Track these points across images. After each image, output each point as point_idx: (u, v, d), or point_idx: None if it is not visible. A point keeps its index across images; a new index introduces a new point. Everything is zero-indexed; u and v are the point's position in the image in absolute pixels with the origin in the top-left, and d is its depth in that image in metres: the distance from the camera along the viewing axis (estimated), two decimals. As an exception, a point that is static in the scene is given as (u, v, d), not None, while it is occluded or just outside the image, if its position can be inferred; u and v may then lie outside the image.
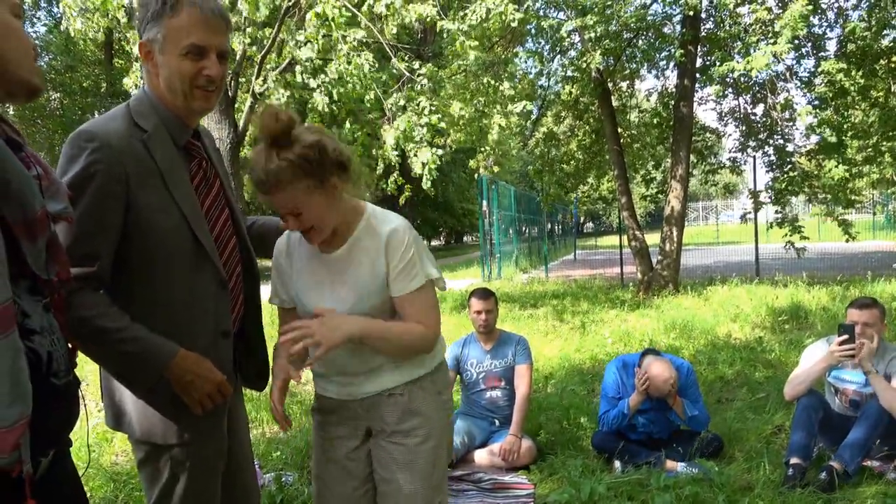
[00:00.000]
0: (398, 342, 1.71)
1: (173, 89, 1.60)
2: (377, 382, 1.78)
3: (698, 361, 5.61)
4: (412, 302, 1.71)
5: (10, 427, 0.95)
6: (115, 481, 3.35)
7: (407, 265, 1.69)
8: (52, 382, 1.10)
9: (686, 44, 9.84)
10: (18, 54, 1.12)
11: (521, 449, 3.61)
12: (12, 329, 0.97)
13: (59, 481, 1.15)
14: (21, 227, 1.05)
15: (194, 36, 1.56)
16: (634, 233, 11.01)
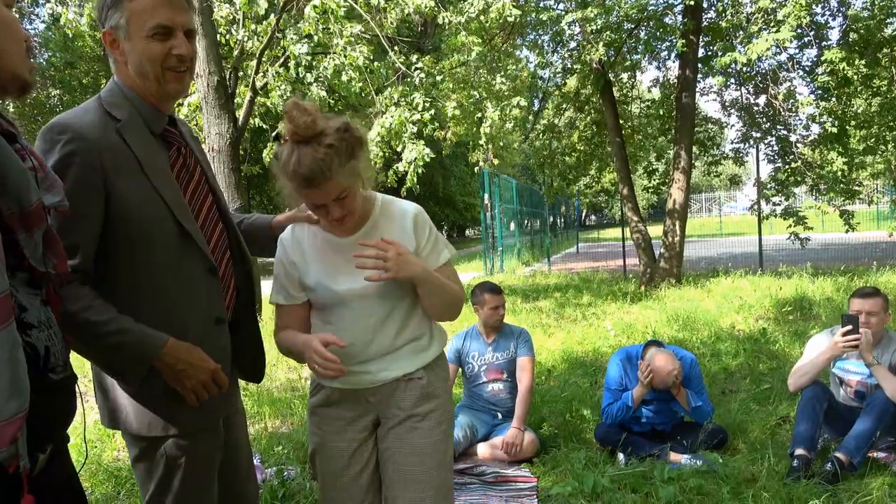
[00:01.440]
0: (450, 293, 1.80)
1: (144, 74, 1.56)
2: (396, 368, 1.79)
3: (702, 353, 5.59)
4: (444, 273, 1.82)
5: (7, 421, 0.94)
6: (116, 478, 3.35)
7: (435, 242, 1.82)
8: (49, 378, 1.08)
9: (688, 34, 9.77)
10: (12, 47, 1.10)
11: (524, 442, 3.59)
12: (10, 321, 0.96)
13: (56, 477, 1.14)
14: (17, 219, 1.04)
15: (158, 16, 1.53)
16: (637, 225, 10.98)
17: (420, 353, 1.82)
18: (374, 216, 1.79)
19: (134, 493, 3.13)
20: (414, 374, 1.80)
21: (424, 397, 1.80)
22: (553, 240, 22.12)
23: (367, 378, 1.79)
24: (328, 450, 1.86)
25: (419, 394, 1.80)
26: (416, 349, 1.81)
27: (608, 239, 27.53)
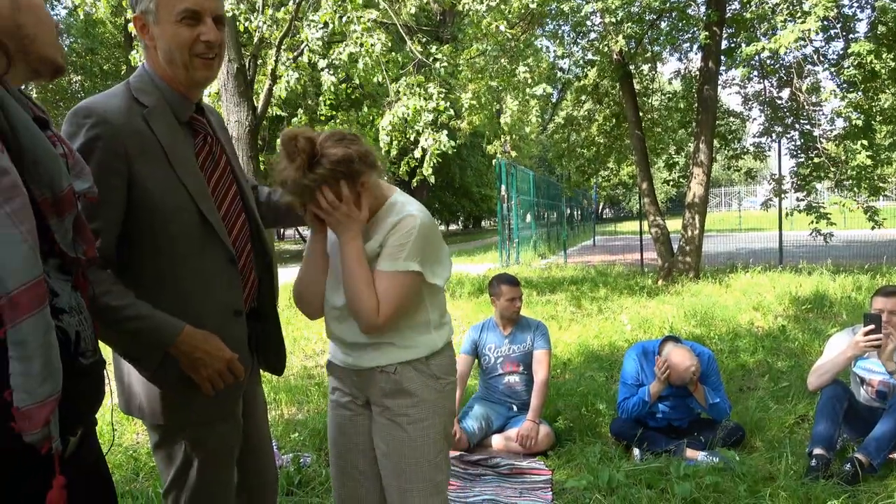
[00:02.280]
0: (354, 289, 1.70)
1: (173, 60, 1.56)
2: (370, 358, 1.80)
3: (719, 350, 5.54)
4: (381, 280, 1.71)
5: (40, 403, 0.96)
6: (136, 460, 3.39)
7: (396, 248, 1.71)
8: (79, 362, 1.10)
9: (711, 25, 9.63)
10: (43, 32, 1.11)
11: (539, 435, 3.58)
12: (44, 305, 0.97)
13: (85, 460, 1.16)
14: (49, 205, 1.05)
15: (188, 0, 1.53)
16: (655, 219, 10.88)
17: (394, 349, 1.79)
18: (376, 217, 1.77)
19: (152, 476, 3.17)
20: (386, 367, 1.79)
21: (399, 392, 1.79)
22: (569, 232, 22.02)
23: (350, 361, 1.83)
24: (333, 416, 1.93)
25: (392, 388, 1.79)
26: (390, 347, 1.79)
27: (625, 232, 27.34)
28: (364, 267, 1.70)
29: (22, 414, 0.95)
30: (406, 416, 1.79)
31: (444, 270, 1.83)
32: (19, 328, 0.95)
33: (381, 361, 1.79)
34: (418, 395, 1.80)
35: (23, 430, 0.95)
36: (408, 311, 1.77)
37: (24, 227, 0.95)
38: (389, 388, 1.79)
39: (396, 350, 1.79)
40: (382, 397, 1.81)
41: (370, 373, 1.81)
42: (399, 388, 1.79)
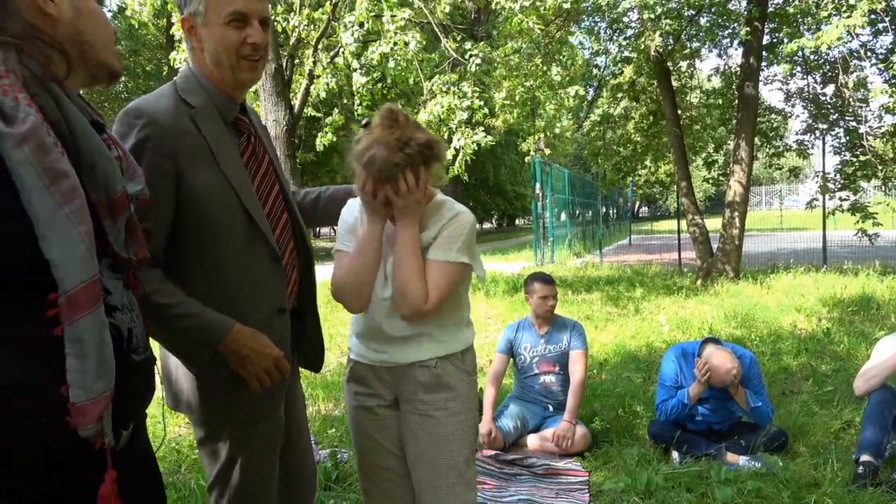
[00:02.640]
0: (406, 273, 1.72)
1: (220, 62, 1.59)
2: (410, 353, 1.82)
3: (761, 352, 5.42)
4: (432, 269, 1.76)
5: (94, 399, 0.99)
6: (178, 452, 3.47)
7: (450, 239, 1.77)
8: (131, 358, 1.12)
9: (752, 21, 9.40)
10: (102, 38, 1.15)
11: (576, 435, 3.55)
12: (99, 304, 1.00)
13: (136, 455, 1.19)
14: (104, 207, 1.08)
15: (236, 3, 1.55)
16: (694, 218, 10.69)
17: (434, 343, 1.82)
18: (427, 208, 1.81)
19: (194, 469, 3.24)
20: (427, 361, 1.81)
21: (438, 386, 1.82)
22: (605, 231, 21.77)
23: (386, 357, 1.83)
24: (356, 420, 1.93)
25: (432, 381, 1.81)
26: (430, 341, 1.82)
27: (662, 231, 26.92)
28: (418, 254, 1.75)
29: (77, 409, 0.98)
30: (445, 409, 1.81)
31: (480, 268, 1.89)
32: (76, 326, 0.98)
33: (422, 356, 1.81)
34: (457, 388, 1.83)
35: (78, 424, 0.98)
36: (449, 304, 1.80)
37: (82, 229, 0.98)
38: (429, 382, 1.81)
39: (436, 344, 1.82)
40: (419, 393, 1.82)
41: (406, 369, 1.82)
42: (439, 382, 1.81)
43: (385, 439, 1.90)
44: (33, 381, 0.97)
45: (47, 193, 0.95)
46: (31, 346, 0.98)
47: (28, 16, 1.04)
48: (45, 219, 0.95)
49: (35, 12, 1.05)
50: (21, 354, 0.97)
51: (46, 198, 0.94)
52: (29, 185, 0.93)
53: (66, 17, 1.08)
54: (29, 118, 0.95)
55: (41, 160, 0.94)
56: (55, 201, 0.95)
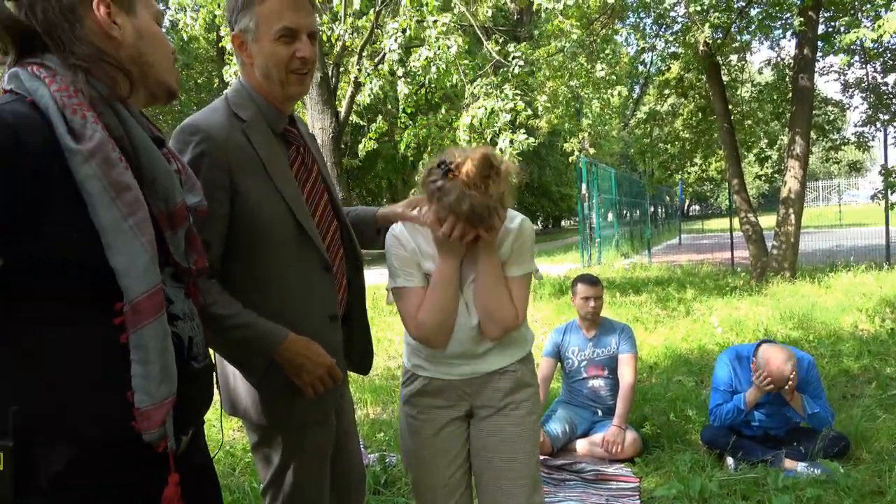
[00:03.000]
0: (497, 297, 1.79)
1: (269, 76, 1.63)
2: (492, 362, 1.88)
3: (819, 354, 5.22)
4: (515, 286, 1.83)
5: (158, 404, 1.03)
6: (232, 455, 3.57)
7: (524, 253, 1.84)
8: (191, 366, 1.17)
9: (806, 10, 9.08)
10: (162, 59, 1.20)
11: (626, 441, 3.50)
12: (162, 312, 1.05)
13: (195, 460, 1.23)
14: (164, 218, 1.13)
15: (286, 19, 1.58)
16: (747, 216, 10.37)
17: (511, 349, 1.90)
18: None
19: (247, 472, 3.33)
20: (509, 367, 1.89)
21: (519, 385, 1.90)
22: (654, 231, 21.36)
23: (468, 369, 1.87)
24: (420, 437, 1.93)
25: (513, 383, 1.89)
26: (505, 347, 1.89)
27: (713, 230, 26.22)
28: (502, 277, 1.81)
29: (142, 414, 1.02)
30: (521, 409, 1.88)
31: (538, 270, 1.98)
32: (141, 333, 1.02)
33: (504, 362, 1.89)
34: (533, 385, 1.94)
35: (142, 429, 1.03)
36: None
37: (145, 239, 1.03)
38: (510, 386, 1.88)
39: (516, 349, 1.91)
40: (502, 395, 1.88)
41: (488, 377, 1.88)
42: (520, 384, 1.89)
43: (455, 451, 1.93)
44: (101, 386, 1.03)
45: (113, 206, 1.00)
46: (98, 353, 1.03)
47: (95, 39, 1.09)
48: (112, 230, 1.00)
49: (101, 36, 1.10)
50: (89, 361, 1.02)
51: (112, 210, 1.00)
52: (96, 198, 0.99)
53: (129, 40, 1.14)
54: (96, 135, 1.00)
55: (107, 174, 1.00)
56: (120, 213, 1.00)
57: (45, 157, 0.97)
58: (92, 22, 1.09)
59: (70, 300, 1.02)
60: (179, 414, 1.09)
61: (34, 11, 1.05)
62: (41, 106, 0.99)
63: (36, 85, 1.01)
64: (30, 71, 1.03)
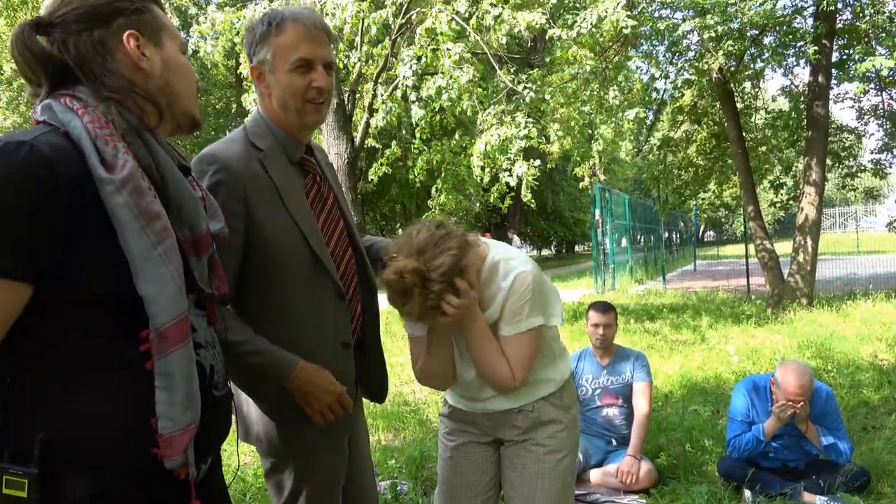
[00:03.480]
0: (487, 363, 1.76)
1: (286, 106, 1.66)
2: (504, 401, 1.86)
3: (838, 384, 5.14)
4: (508, 343, 1.78)
5: (182, 431, 1.04)
6: (244, 481, 3.55)
7: (515, 312, 1.76)
8: (212, 394, 1.18)
9: (820, 38, 9.10)
10: (187, 89, 1.23)
11: (641, 471, 3.44)
12: (188, 340, 1.06)
13: (213, 488, 1.24)
14: (190, 245, 1.15)
15: (301, 50, 1.62)
16: (763, 243, 10.29)
17: (525, 394, 1.85)
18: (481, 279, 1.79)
19: (258, 498, 3.31)
20: (524, 406, 1.86)
21: (537, 423, 1.85)
22: (668, 257, 21.23)
23: (481, 406, 1.89)
24: (445, 459, 1.97)
25: (531, 421, 1.86)
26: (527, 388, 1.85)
27: (729, 256, 26.02)
28: (491, 339, 1.76)
29: (165, 440, 1.03)
30: (543, 446, 1.84)
31: (558, 307, 1.87)
32: (166, 360, 1.03)
33: (518, 403, 1.86)
34: (555, 422, 1.86)
35: (165, 456, 1.03)
36: None
37: (173, 267, 1.05)
38: (527, 424, 1.85)
39: (532, 389, 1.85)
40: (519, 432, 1.86)
41: (504, 414, 1.87)
42: (538, 422, 1.85)
43: (475, 476, 1.93)
44: (126, 413, 1.03)
45: (143, 234, 1.02)
46: (124, 380, 1.04)
47: (125, 71, 1.13)
48: (141, 258, 1.01)
49: (131, 68, 1.14)
50: (114, 389, 1.03)
51: (142, 238, 1.02)
52: (127, 226, 1.01)
53: (157, 71, 1.17)
54: (127, 165, 1.03)
55: (138, 203, 1.02)
56: (150, 241, 1.02)
57: (78, 187, 0.99)
58: (122, 54, 1.13)
59: (97, 328, 1.03)
60: (200, 441, 1.09)
61: (66, 46, 1.09)
62: (74, 137, 1.02)
63: (69, 116, 1.04)
64: (63, 103, 1.06)
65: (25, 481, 0.95)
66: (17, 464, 0.97)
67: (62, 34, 1.09)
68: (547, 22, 8.39)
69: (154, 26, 1.18)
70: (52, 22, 1.09)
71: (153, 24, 1.17)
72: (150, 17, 1.17)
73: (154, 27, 1.17)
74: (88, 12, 1.10)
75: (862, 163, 12.04)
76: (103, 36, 1.11)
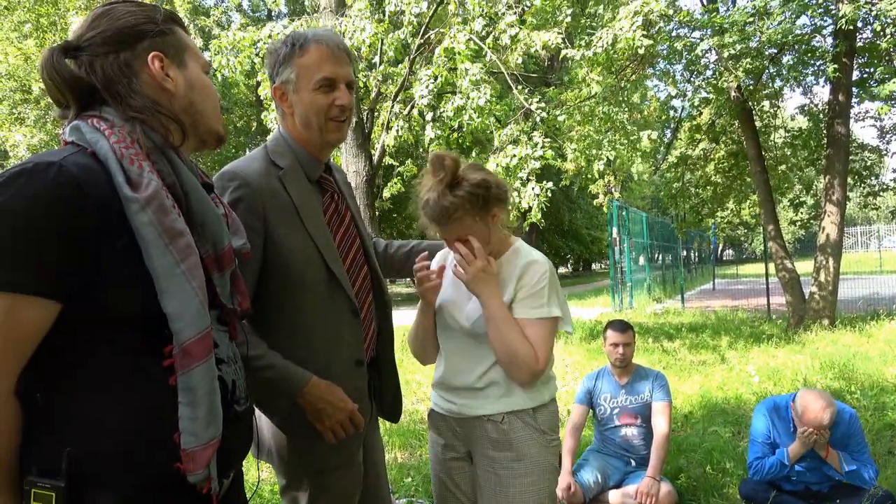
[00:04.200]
0: (509, 342, 1.74)
1: (309, 124, 1.70)
2: (476, 405, 1.83)
3: (862, 406, 5.03)
4: (529, 327, 1.76)
5: (205, 445, 1.05)
6: (260, 496, 3.55)
7: (535, 294, 1.78)
8: (234, 409, 1.19)
9: (840, 56, 9.05)
10: (211, 107, 1.26)
11: (661, 493, 3.39)
12: (211, 355, 1.08)
13: (234, 501, 1.25)
14: (213, 262, 1.17)
15: (325, 70, 1.67)
16: (783, 262, 10.17)
17: (502, 398, 1.81)
18: (500, 261, 1.84)
19: (275, 514, 3.31)
20: (494, 416, 1.80)
21: (504, 443, 1.79)
22: (687, 275, 21.04)
23: (454, 408, 1.87)
24: (436, 468, 1.98)
25: (498, 437, 1.79)
26: (499, 394, 1.81)
27: (748, 275, 25.72)
28: (512, 320, 1.76)
29: (188, 455, 1.04)
30: (510, 469, 1.78)
31: (569, 315, 1.89)
32: (190, 375, 1.05)
33: (489, 410, 1.81)
34: (521, 449, 1.79)
35: (187, 470, 1.04)
36: None
37: (196, 283, 1.07)
38: (496, 437, 1.80)
39: (504, 399, 1.80)
40: (488, 448, 1.81)
41: (475, 421, 1.83)
42: (506, 440, 1.79)
43: (458, 490, 1.93)
44: (150, 428, 1.05)
45: (167, 251, 1.04)
46: (148, 395, 1.05)
47: (150, 92, 1.16)
48: (165, 275, 1.03)
49: (156, 89, 1.17)
50: (139, 404, 1.05)
51: (167, 256, 1.03)
52: (151, 244, 1.03)
53: (181, 91, 1.20)
54: (152, 184, 1.05)
55: (162, 221, 1.04)
56: (174, 259, 1.04)
57: (105, 206, 1.01)
58: (147, 76, 1.16)
59: (123, 345, 1.05)
60: (221, 456, 1.10)
61: (93, 68, 1.12)
62: (101, 157, 1.05)
63: (96, 137, 1.06)
64: (90, 124, 1.09)
65: (53, 494, 0.97)
66: (45, 477, 0.98)
67: (90, 57, 1.12)
68: (563, 42, 8.44)
69: (177, 48, 1.21)
70: (80, 45, 1.13)
71: (176, 46, 1.21)
72: (174, 38, 1.21)
73: (177, 48, 1.21)
74: (115, 35, 1.13)
75: (884, 181, 11.90)
76: (129, 58, 1.14)
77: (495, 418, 1.80)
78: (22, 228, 0.95)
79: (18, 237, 0.95)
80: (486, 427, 1.81)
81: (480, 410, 1.82)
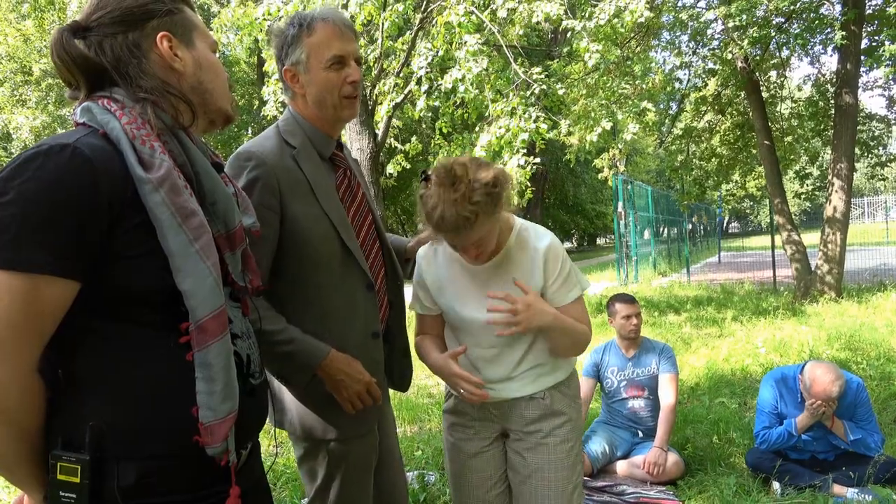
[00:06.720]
0: (574, 337, 1.82)
1: (323, 103, 1.71)
2: (518, 388, 1.87)
3: (868, 376, 5.06)
4: (573, 309, 1.83)
5: (222, 419, 1.07)
6: (274, 470, 3.61)
7: (567, 278, 1.82)
8: (249, 383, 1.21)
9: (848, 24, 8.92)
10: (219, 86, 1.26)
11: (668, 462, 3.44)
12: (226, 331, 1.10)
13: (252, 474, 1.27)
14: (224, 240, 1.18)
15: (335, 48, 1.67)
16: (790, 234, 10.14)
17: (542, 377, 1.88)
18: (508, 245, 1.83)
19: (288, 486, 3.37)
20: (536, 394, 1.87)
21: (549, 413, 1.87)
22: (692, 248, 21.01)
23: (490, 394, 1.84)
24: (458, 453, 1.97)
25: (542, 410, 1.87)
26: (538, 374, 1.87)
27: (754, 248, 25.68)
28: (569, 319, 1.80)
29: (206, 429, 1.07)
30: (555, 436, 1.86)
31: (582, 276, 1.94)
32: (206, 352, 1.07)
33: (531, 390, 1.87)
34: (566, 413, 1.89)
35: (206, 444, 1.07)
36: None
37: (210, 262, 1.08)
38: (538, 413, 1.86)
39: (546, 376, 1.88)
40: (528, 424, 1.87)
41: (515, 402, 1.88)
42: (549, 411, 1.87)
43: (489, 471, 1.94)
44: (168, 402, 1.07)
45: (181, 231, 1.05)
46: (165, 371, 1.07)
47: (159, 72, 1.16)
48: (180, 254, 1.05)
49: (165, 69, 1.17)
50: (157, 379, 1.07)
51: (181, 235, 1.05)
52: (165, 223, 1.04)
53: (190, 70, 1.20)
54: (164, 164, 1.06)
55: (175, 201, 1.05)
56: (188, 238, 1.05)
57: (118, 187, 1.02)
58: (156, 56, 1.16)
59: (142, 321, 1.07)
60: (238, 429, 1.12)
61: (103, 49, 1.12)
62: (113, 137, 1.05)
63: (107, 118, 1.07)
64: (101, 104, 1.09)
65: (78, 467, 1.00)
66: (69, 450, 1.01)
67: (98, 37, 1.12)
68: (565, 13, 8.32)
69: (185, 27, 1.20)
70: (89, 26, 1.13)
71: (185, 25, 1.20)
72: (182, 18, 1.20)
73: (185, 28, 1.20)
74: (123, 15, 1.13)
75: (892, 152, 11.79)
76: (137, 38, 1.14)
77: (537, 395, 1.87)
78: (40, 211, 0.96)
79: (37, 219, 0.96)
80: (527, 405, 1.87)
81: (521, 392, 1.87)
